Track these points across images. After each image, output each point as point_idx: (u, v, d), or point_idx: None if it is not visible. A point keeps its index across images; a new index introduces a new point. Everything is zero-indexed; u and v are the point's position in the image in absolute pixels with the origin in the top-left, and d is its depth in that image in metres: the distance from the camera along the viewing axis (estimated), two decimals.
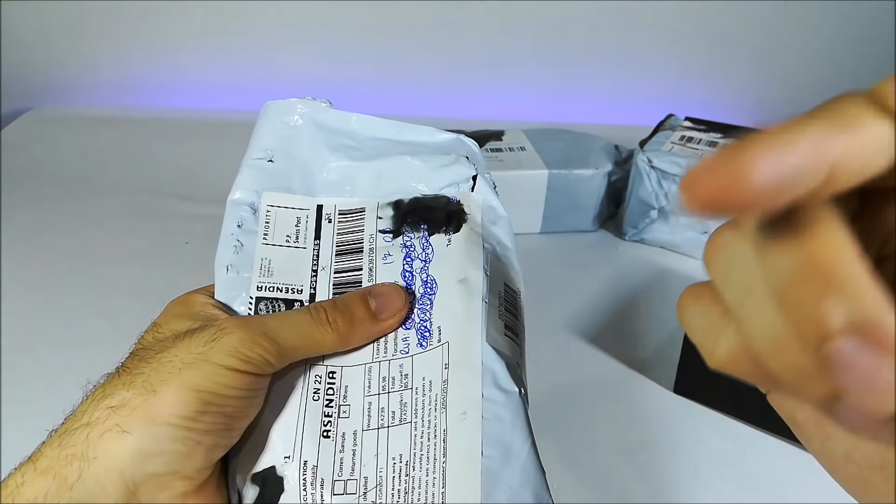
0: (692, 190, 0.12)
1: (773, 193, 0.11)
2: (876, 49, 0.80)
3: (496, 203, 0.30)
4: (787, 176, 0.11)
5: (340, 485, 0.24)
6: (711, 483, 0.41)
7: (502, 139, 0.66)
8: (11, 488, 0.21)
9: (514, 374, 0.25)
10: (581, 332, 0.52)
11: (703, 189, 0.11)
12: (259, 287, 0.27)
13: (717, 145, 0.61)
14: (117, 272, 0.58)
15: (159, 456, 0.21)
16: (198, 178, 0.71)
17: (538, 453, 0.24)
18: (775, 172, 0.11)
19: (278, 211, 0.29)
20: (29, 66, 0.86)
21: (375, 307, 0.26)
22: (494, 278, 0.27)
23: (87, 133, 0.80)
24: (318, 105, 0.30)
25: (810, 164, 0.11)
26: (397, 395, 0.25)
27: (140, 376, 0.22)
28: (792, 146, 0.11)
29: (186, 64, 0.87)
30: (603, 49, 0.83)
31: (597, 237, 0.65)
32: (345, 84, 0.86)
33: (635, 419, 0.45)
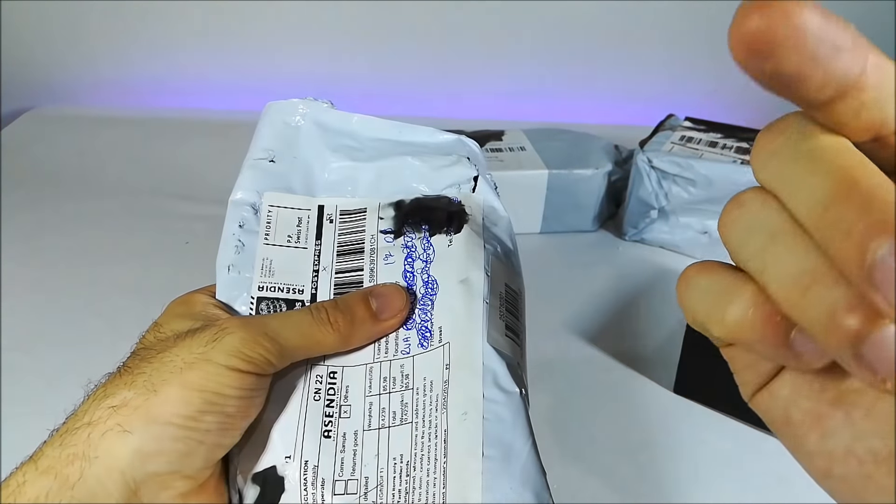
0: (743, 20, 0.12)
1: (814, 49, 0.12)
2: None
3: (497, 204, 0.30)
4: (829, 39, 0.12)
5: (341, 485, 0.24)
6: (711, 483, 0.41)
7: (502, 139, 0.66)
8: (13, 488, 0.21)
9: (515, 374, 0.25)
10: (581, 332, 0.52)
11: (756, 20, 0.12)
12: (260, 287, 0.27)
13: (717, 145, 0.61)
14: (117, 272, 0.58)
15: (160, 456, 0.21)
16: (198, 178, 0.71)
17: (539, 453, 0.24)
18: (821, 27, 0.12)
19: (280, 211, 0.29)
20: (29, 66, 0.86)
21: (376, 307, 0.26)
22: (495, 279, 0.27)
23: (87, 133, 0.80)
24: (320, 105, 0.30)
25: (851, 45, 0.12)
26: (398, 396, 0.25)
27: (141, 376, 0.22)
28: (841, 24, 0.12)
29: (186, 64, 0.87)
30: (603, 49, 0.83)
31: (597, 237, 0.65)
32: (345, 84, 0.86)
33: (635, 419, 0.45)
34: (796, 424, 0.16)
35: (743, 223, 0.14)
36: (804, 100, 0.13)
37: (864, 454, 0.14)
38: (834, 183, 0.12)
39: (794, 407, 0.16)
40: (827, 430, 0.15)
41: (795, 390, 0.16)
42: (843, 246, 0.12)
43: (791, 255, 0.13)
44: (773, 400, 0.16)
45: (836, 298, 0.12)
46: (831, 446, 0.15)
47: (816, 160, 0.13)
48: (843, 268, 0.12)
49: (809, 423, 0.16)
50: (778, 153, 0.14)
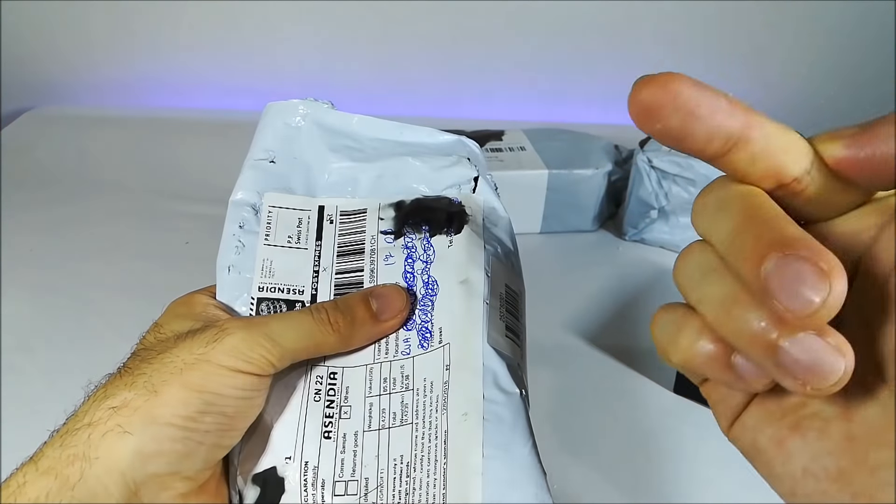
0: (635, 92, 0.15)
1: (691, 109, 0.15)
2: (876, 49, 0.80)
3: (497, 204, 0.30)
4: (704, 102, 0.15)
5: (341, 485, 0.24)
6: (711, 483, 0.41)
7: (502, 139, 0.66)
8: (13, 488, 0.21)
9: (515, 375, 0.25)
10: (581, 332, 0.52)
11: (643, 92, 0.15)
12: (260, 287, 0.27)
13: None
14: (118, 272, 0.58)
15: (160, 456, 0.22)
16: (198, 178, 0.71)
17: (539, 454, 0.24)
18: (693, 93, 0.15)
19: (280, 212, 0.29)
20: (29, 66, 0.86)
21: (377, 308, 0.26)
22: (496, 279, 0.27)
23: (87, 133, 0.80)
24: (320, 106, 0.30)
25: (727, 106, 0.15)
26: (398, 396, 0.25)
27: (142, 377, 0.22)
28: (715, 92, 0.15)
29: (187, 64, 0.86)
30: (603, 49, 0.83)
31: (597, 237, 0.65)
32: (346, 85, 0.86)
33: (635, 419, 0.45)
34: (763, 451, 0.17)
35: (687, 268, 0.17)
36: (699, 153, 0.16)
37: (819, 472, 0.16)
38: (737, 218, 0.15)
39: (759, 434, 0.17)
40: (788, 454, 0.17)
41: (760, 419, 0.18)
42: (745, 268, 0.14)
43: (717, 286, 0.16)
44: (743, 430, 0.18)
45: (752, 315, 0.14)
46: (792, 468, 0.16)
47: (729, 204, 0.16)
48: (749, 286, 0.14)
49: (774, 448, 0.17)
50: (706, 206, 0.17)
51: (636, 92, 0.15)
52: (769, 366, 0.14)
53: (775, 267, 0.13)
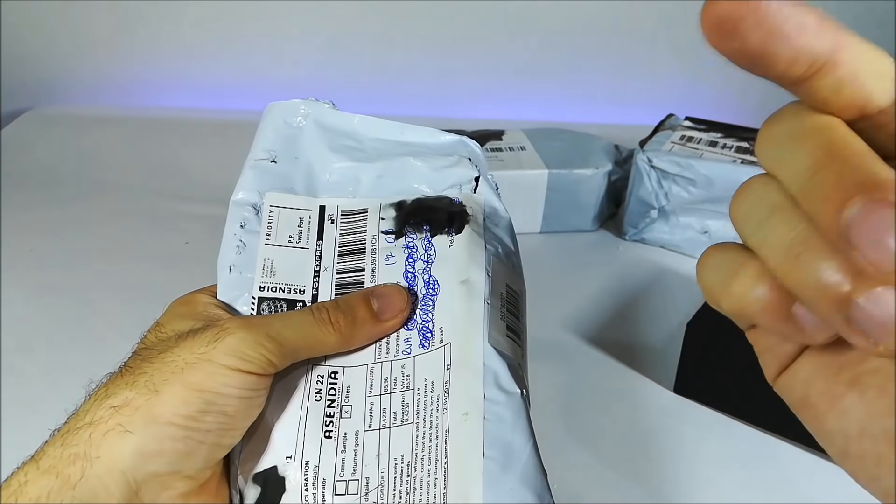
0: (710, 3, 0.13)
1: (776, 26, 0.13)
2: None
3: (498, 204, 0.30)
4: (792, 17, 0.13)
5: (342, 485, 0.24)
6: (711, 483, 0.41)
7: (502, 139, 0.66)
8: (14, 487, 0.21)
9: (516, 375, 0.25)
10: (581, 332, 0.52)
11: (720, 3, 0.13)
12: (262, 287, 0.27)
13: (717, 145, 0.61)
14: (118, 272, 0.58)
15: (161, 456, 0.22)
16: (198, 178, 0.71)
17: (539, 454, 0.24)
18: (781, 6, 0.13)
19: (281, 211, 0.29)
20: (29, 66, 0.86)
21: (378, 308, 0.26)
22: (496, 279, 0.27)
23: (87, 133, 0.80)
24: (321, 106, 0.30)
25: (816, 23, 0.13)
26: (399, 396, 0.25)
27: (143, 376, 0.22)
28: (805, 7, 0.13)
29: (186, 64, 0.87)
30: (603, 49, 0.83)
31: (597, 237, 0.65)
32: (347, 85, 0.87)
33: (635, 419, 0.46)
34: (814, 405, 0.16)
35: (747, 204, 0.15)
36: (779, 76, 0.14)
37: (878, 433, 0.15)
38: (817, 153, 0.13)
39: (812, 388, 0.16)
40: (843, 411, 0.15)
41: (813, 372, 0.16)
42: (823, 210, 0.13)
43: (784, 227, 0.14)
44: (792, 382, 0.17)
45: (824, 264, 0.13)
46: (847, 426, 0.15)
47: (805, 137, 0.14)
48: (826, 232, 0.13)
49: (827, 403, 0.16)
50: (775, 137, 0.15)
51: (713, 4, 0.13)
52: (839, 321, 0.13)
53: (860, 212, 0.12)
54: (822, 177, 0.13)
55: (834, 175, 0.13)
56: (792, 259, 0.14)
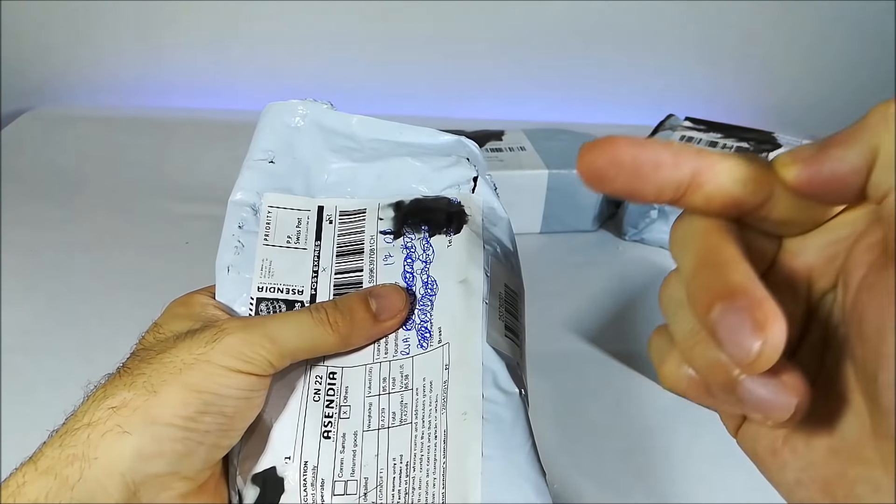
0: (581, 159, 0.16)
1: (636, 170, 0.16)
2: (876, 49, 0.80)
3: (497, 204, 0.30)
4: (648, 160, 0.16)
5: (341, 485, 0.24)
6: (711, 483, 0.41)
7: (502, 139, 0.66)
8: (12, 488, 0.21)
9: (515, 374, 0.25)
10: (581, 332, 0.52)
11: (586, 158, 0.16)
12: (260, 288, 0.27)
13: (717, 145, 0.61)
14: (117, 272, 0.58)
15: (160, 456, 0.22)
16: (198, 178, 0.71)
17: (538, 454, 0.24)
18: (635, 154, 0.16)
19: (279, 212, 0.29)
20: (29, 66, 0.86)
21: (376, 308, 0.26)
22: (495, 279, 0.27)
23: (87, 133, 0.80)
24: (320, 106, 0.30)
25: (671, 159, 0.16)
26: (398, 396, 0.25)
27: (141, 377, 0.22)
28: (657, 146, 0.16)
29: (186, 64, 0.87)
30: (603, 49, 0.83)
31: (597, 237, 0.65)
32: (345, 85, 0.86)
33: (635, 419, 0.45)
34: (762, 459, 0.18)
35: (665, 296, 0.18)
36: (654, 203, 0.17)
37: (808, 482, 0.16)
38: (694, 259, 0.16)
39: (758, 445, 0.18)
40: (782, 463, 0.17)
41: (757, 429, 0.18)
42: (697, 312, 0.15)
43: (683, 321, 0.16)
44: (744, 438, 0.19)
45: (712, 353, 0.15)
46: (786, 477, 0.17)
47: (689, 242, 0.16)
48: (704, 328, 0.15)
49: (770, 457, 0.18)
50: (675, 239, 0.17)
51: (581, 159, 0.16)
52: (732, 399, 0.15)
53: (719, 316, 0.14)
54: (695, 282, 0.15)
55: (702, 283, 0.15)
56: (689, 349, 0.16)
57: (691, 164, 0.16)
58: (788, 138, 0.63)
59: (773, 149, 0.61)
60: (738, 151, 0.60)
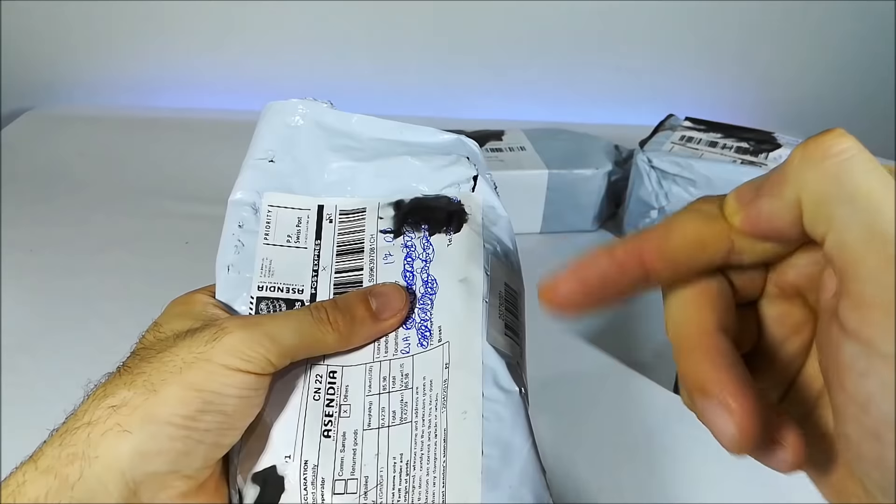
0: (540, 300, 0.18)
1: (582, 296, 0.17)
2: (876, 48, 0.81)
3: (497, 203, 0.30)
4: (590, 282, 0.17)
5: (341, 484, 0.24)
6: (711, 483, 0.41)
7: (502, 139, 0.66)
8: (13, 487, 0.21)
9: (515, 373, 0.25)
10: (581, 332, 0.52)
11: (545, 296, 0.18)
12: (260, 287, 0.27)
13: (717, 145, 0.61)
14: (117, 272, 0.58)
15: (160, 455, 0.21)
16: (198, 178, 0.71)
17: (538, 453, 0.24)
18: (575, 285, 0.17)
19: (279, 211, 0.29)
20: (29, 66, 0.87)
21: (376, 307, 0.26)
22: (495, 278, 0.27)
23: (87, 133, 0.80)
24: (320, 106, 0.30)
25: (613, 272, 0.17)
26: (398, 395, 0.25)
27: (141, 376, 0.22)
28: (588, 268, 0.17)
29: (186, 64, 0.87)
30: (603, 49, 0.83)
31: (597, 237, 0.65)
32: (345, 84, 0.87)
33: (635, 419, 0.45)
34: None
35: None
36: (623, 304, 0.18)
37: None
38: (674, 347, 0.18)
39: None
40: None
41: None
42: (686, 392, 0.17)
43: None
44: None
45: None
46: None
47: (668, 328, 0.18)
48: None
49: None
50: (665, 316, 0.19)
51: (540, 300, 0.18)
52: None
53: (701, 407, 0.16)
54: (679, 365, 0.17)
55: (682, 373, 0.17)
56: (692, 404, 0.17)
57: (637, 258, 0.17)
58: (788, 138, 0.63)
59: (773, 149, 0.61)
60: (738, 151, 0.60)
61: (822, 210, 0.15)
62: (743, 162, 0.58)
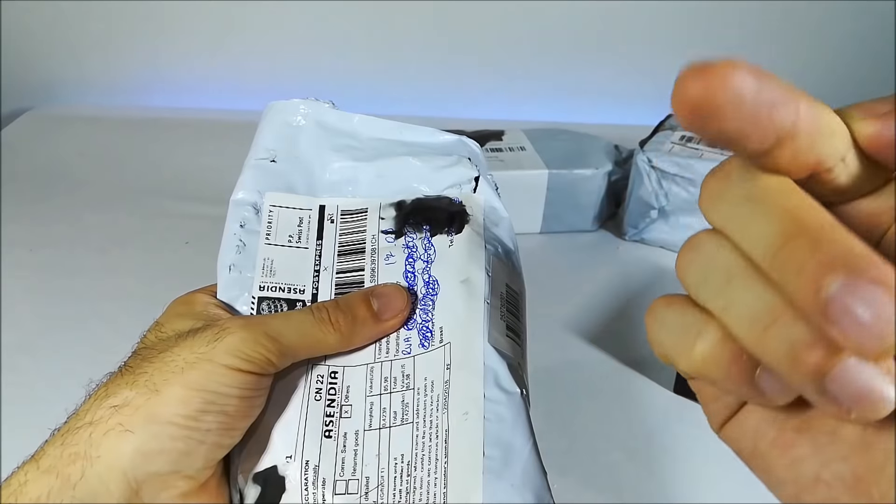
0: (684, 86, 0.13)
1: (752, 109, 0.13)
2: (876, 48, 0.81)
3: (498, 204, 0.30)
4: (766, 98, 0.13)
5: (342, 484, 0.24)
6: (711, 483, 0.41)
7: (502, 139, 0.66)
8: (14, 487, 0.21)
9: (516, 374, 0.25)
10: (581, 332, 0.52)
11: (696, 87, 0.13)
12: (261, 287, 0.27)
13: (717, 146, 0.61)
14: (118, 272, 0.58)
15: (161, 455, 0.22)
16: (198, 178, 0.71)
17: (539, 453, 0.24)
18: (757, 89, 0.13)
19: (281, 211, 0.29)
20: (29, 66, 0.86)
21: (377, 307, 0.26)
22: (496, 279, 0.27)
23: (87, 133, 0.80)
24: (321, 106, 0.30)
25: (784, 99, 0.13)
26: (399, 396, 0.25)
27: (143, 375, 0.22)
28: (775, 81, 0.13)
29: (187, 64, 0.87)
30: (603, 49, 0.83)
31: (597, 237, 0.65)
32: (346, 84, 0.87)
33: (635, 419, 0.46)
34: (764, 454, 0.16)
35: (699, 265, 0.15)
36: (747, 152, 0.14)
37: (832, 479, 0.14)
38: (782, 224, 0.13)
39: (761, 437, 0.16)
40: (795, 458, 0.15)
41: (762, 421, 0.16)
42: (798, 284, 0.12)
43: (749, 295, 0.14)
44: (740, 431, 0.17)
45: (797, 335, 0.13)
46: (800, 474, 0.15)
47: (762, 202, 0.13)
48: (800, 305, 0.12)
49: (777, 452, 0.16)
50: (725, 197, 0.14)
51: (685, 86, 0.13)
52: (810, 391, 0.13)
53: (840, 290, 0.11)
54: (793, 248, 0.12)
55: (807, 248, 0.12)
56: (761, 329, 0.13)
57: (795, 106, 0.13)
58: None
59: None
60: None
61: None
62: None
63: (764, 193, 0.14)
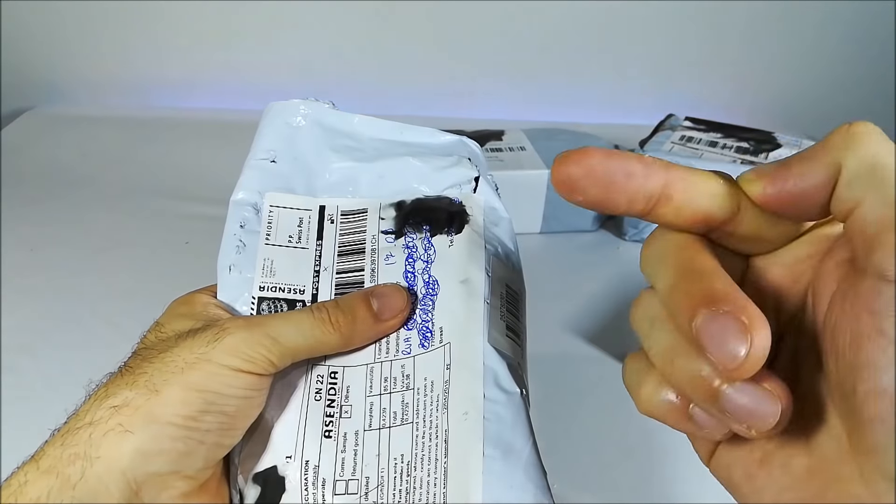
0: (554, 169, 0.16)
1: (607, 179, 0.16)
2: (876, 48, 0.81)
3: (498, 204, 0.30)
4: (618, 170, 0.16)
5: (342, 485, 0.24)
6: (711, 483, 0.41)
7: (502, 139, 0.66)
8: (14, 487, 0.21)
9: (516, 374, 0.25)
10: (581, 332, 0.52)
11: (560, 169, 0.16)
12: (261, 287, 0.27)
13: (717, 145, 0.61)
14: (117, 272, 0.58)
15: (161, 455, 0.22)
16: (198, 178, 0.71)
17: (539, 453, 0.24)
18: (606, 164, 0.16)
19: (281, 211, 0.29)
20: (29, 66, 0.86)
21: (377, 308, 0.26)
22: (496, 279, 0.27)
23: (87, 133, 0.80)
24: (321, 106, 0.30)
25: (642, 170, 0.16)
26: (399, 396, 0.25)
27: (143, 376, 0.22)
28: (628, 157, 0.16)
29: (186, 64, 0.87)
30: (603, 49, 0.83)
31: (597, 237, 0.65)
32: (347, 84, 0.87)
33: (635, 419, 0.45)
34: (738, 485, 0.18)
35: (638, 315, 0.18)
36: (626, 214, 0.17)
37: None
38: (675, 272, 0.16)
39: (733, 470, 0.18)
40: (757, 488, 0.17)
41: (732, 455, 0.18)
42: (680, 321, 0.15)
43: (661, 335, 0.16)
44: (718, 465, 0.19)
45: (693, 364, 0.15)
46: (763, 501, 0.17)
47: (665, 258, 0.17)
48: (686, 338, 0.15)
49: (746, 483, 0.18)
50: (649, 257, 0.18)
51: (556, 169, 0.16)
52: (715, 412, 0.15)
53: (703, 322, 0.14)
54: (677, 293, 0.16)
55: (684, 292, 0.15)
56: (670, 363, 0.16)
57: (661, 176, 0.16)
58: (788, 138, 0.63)
59: (773, 149, 0.61)
60: (738, 151, 0.60)
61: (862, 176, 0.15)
62: (743, 162, 0.58)
63: (667, 249, 0.17)
